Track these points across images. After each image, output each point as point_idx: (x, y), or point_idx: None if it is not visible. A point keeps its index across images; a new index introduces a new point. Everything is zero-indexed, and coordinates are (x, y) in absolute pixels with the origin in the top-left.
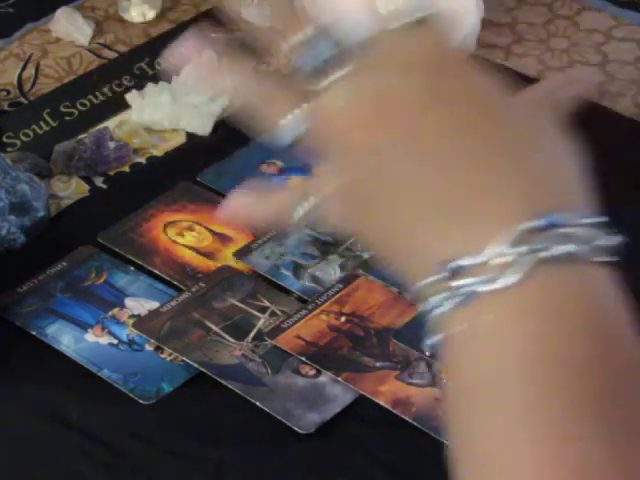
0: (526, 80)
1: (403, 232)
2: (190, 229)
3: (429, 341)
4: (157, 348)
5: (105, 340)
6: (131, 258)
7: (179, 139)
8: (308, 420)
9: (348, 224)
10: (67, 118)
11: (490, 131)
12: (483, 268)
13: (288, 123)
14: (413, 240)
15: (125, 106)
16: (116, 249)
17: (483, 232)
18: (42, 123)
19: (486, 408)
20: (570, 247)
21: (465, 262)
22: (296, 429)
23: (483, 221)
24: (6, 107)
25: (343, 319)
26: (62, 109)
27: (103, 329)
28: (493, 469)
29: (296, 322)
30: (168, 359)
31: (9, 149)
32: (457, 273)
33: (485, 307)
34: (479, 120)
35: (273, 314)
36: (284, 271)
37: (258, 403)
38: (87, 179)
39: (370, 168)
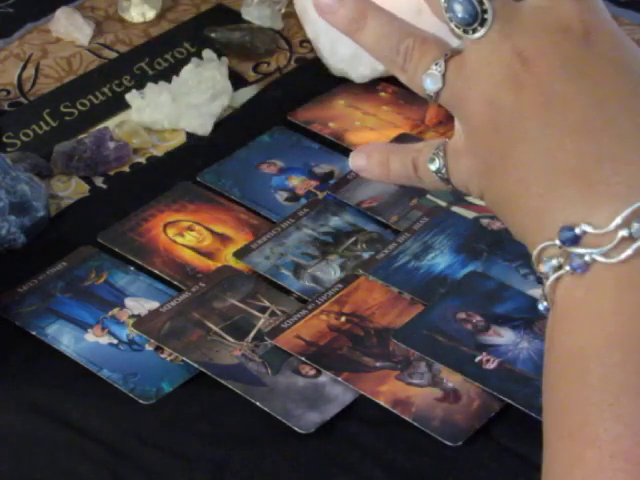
0: None
1: (530, 194)
2: (190, 229)
3: (541, 305)
4: (157, 348)
5: (105, 340)
6: (131, 258)
7: (179, 139)
8: (308, 420)
9: (474, 182)
10: (67, 118)
11: (633, 104)
12: (605, 238)
13: (430, 75)
14: (539, 203)
15: (125, 106)
16: (116, 249)
17: (609, 204)
18: (42, 123)
19: (582, 381)
20: None
21: (589, 230)
22: (296, 429)
23: (610, 193)
24: (6, 107)
25: (343, 319)
26: (62, 109)
27: (103, 329)
28: (577, 441)
29: (296, 322)
30: (168, 359)
31: (9, 149)
32: (579, 240)
33: (600, 277)
34: (623, 93)
35: (273, 314)
36: (284, 271)
37: (258, 403)
38: (87, 179)
39: (505, 128)
